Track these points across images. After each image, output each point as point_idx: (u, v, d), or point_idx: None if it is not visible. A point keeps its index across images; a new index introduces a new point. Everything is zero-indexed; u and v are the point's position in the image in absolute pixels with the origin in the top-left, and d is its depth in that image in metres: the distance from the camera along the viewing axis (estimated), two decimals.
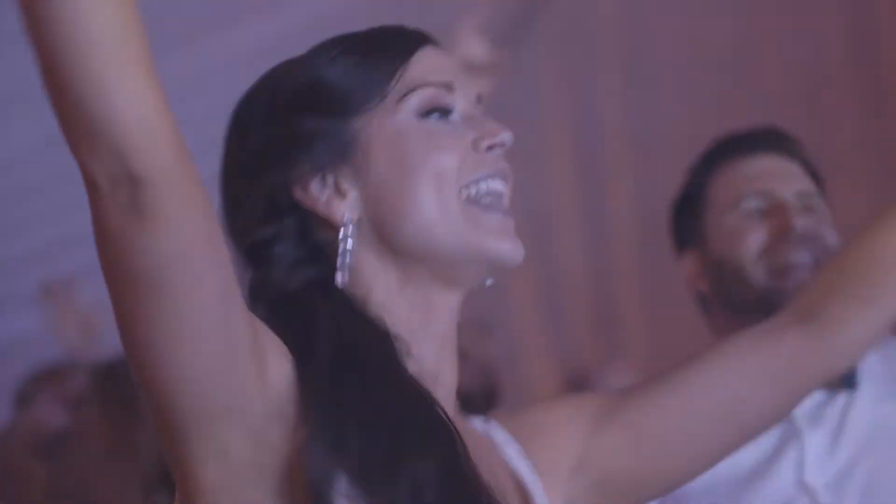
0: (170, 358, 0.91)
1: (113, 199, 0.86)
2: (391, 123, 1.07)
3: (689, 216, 1.97)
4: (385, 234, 1.07)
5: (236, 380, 0.94)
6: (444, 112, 1.08)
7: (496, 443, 1.14)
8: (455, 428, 1.01)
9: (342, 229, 1.05)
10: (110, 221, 0.87)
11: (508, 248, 1.07)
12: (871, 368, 1.85)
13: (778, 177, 1.92)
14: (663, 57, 4.05)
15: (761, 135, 1.99)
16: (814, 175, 1.95)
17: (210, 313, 0.91)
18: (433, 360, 1.07)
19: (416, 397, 1.02)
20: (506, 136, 1.09)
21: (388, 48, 1.09)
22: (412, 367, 1.04)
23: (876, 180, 3.05)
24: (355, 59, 1.09)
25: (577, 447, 1.17)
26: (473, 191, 1.07)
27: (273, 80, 1.08)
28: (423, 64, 1.09)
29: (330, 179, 1.06)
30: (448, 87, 1.09)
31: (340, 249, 1.05)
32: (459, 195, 1.06)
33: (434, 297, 1.08)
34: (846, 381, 1.83)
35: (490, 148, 1.08)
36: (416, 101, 1.08)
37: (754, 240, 1.86)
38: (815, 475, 1.79)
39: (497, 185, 1.08)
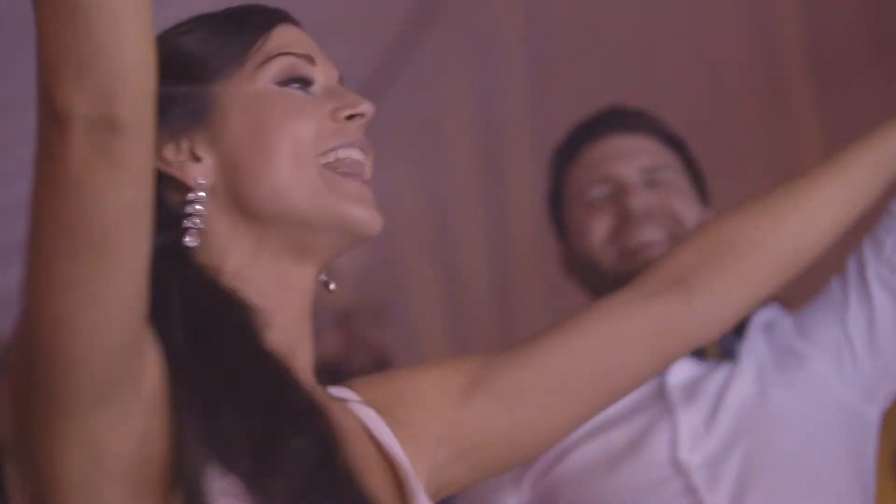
0: (77, 327, 0.86)
1: (85, 141, 0.82)
2: (249, 89, 1.06)
3: (553, 211, 1.98)
4: (239, 200, 1.05)
5: (129, 365, 0.90)
6: (305, 83, 1.08)
7: (357, 413, 1.12)
8: (321, 406, 1.00)
9: (192, 193, 1.04)
10: (73, 165, 0.83)
11: (366, 216, 1.06)
12: (755, 344, 1.84)
13: (619, 158, 1.90)
14: (566, 45, 4.06)
15: (601, 118, 1.98)
16: (670, 142, 1.95)
17: (135, 284, 0.88)
18: (289, 334, 1.05)
19: (280, 376, 0.99)
20: (366, 107, 1.08)
21: (249, 20, 1.09)
22: (272, 341, 1.01)
23: (780, 165, 3.09)
24: (214, 28, 1.08)
25: (445, 416, 1.16)
26: (332, 158, 1.06)
27: None
28: (283, 37, 1.09)
29: (185, 145, 1.05)
30: (309, 59, 1.08)
31: (190, 211, 1.04)
32: (316, 162, 1.05)
33: (289, 268, 1.06)
34: (726, 353, 1.82)
35: (350, 118, 1.07)
36: (275, 68, 1.07)
37: (599, 228, 1.86)
38: (689, 453, 1.76)
39: (356, 154, 1.07)
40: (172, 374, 0.93)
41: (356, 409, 1.12)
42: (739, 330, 1.85)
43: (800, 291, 1.82)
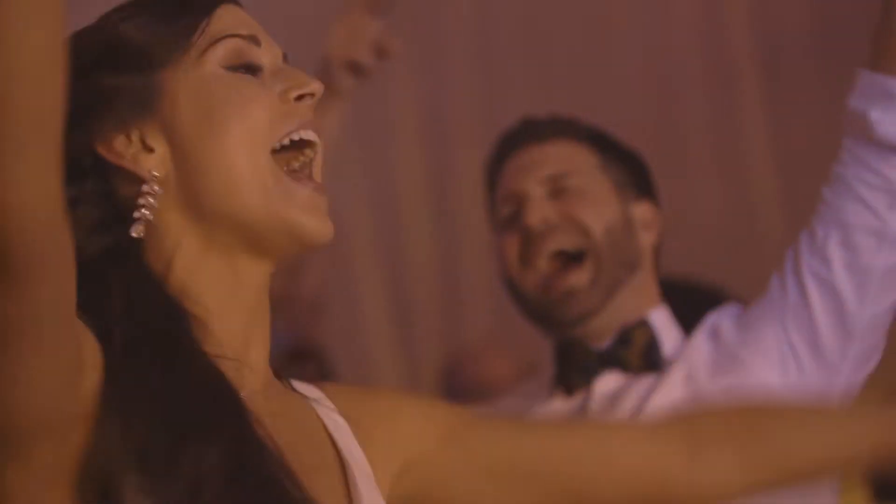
0: (9, 404, 0.87)
1: None
2: (196, 75, 1.03)
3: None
4: (190, 193, 1.02)
5: (59, 398, 0.90)
6: (252, 69, 1.05)
7: (319, 412, 1.10)
8: (246, 411, 0.98)
9: (146, 185, 1.01)
10: None
11: (316, 225, 1.03)
12: (696, 348, 1.81)
13: (521, 171, 1.84)
14: (514, 44, 4.06)
15: (509, 134, 1.91)
16: (588, 141, 1.87)
17: (54, 367, 0.88)
18: (240, 333, 1.03)
19: (204, 381, 0.97)
20: (315, 86, 1.05)
21: (188, 4, 1.06)
22: (212, 345, 0.99)
23: (727, 164, 3.11)
24: (154, 14, 1.05)
25: (416, 449, 1.14)
26: (287, 142, 1.03)
27: (71, 44, 1.00)
28: (226, 19, 1.06)
29: (135, 135, 1.02)
30: (254, 39, 1.06)
31: (140, 202, 1.01)
32: (268, 154, 1.03)
33: (241, 266, 1.04)
34: (649, 363, 1.80)
35: (299, 98, 1.05)
36: (221, 51, 1.04)
37: (510, 250, 1.80)
38: None
39: (309, 134, 1.05)
40: (106, 371, 0.92)
41: (318, 408, 1.10)
42: (687, 329, 1.83)
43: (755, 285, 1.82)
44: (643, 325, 1.82)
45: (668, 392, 1.77)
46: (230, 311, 1.02)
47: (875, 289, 1.70)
